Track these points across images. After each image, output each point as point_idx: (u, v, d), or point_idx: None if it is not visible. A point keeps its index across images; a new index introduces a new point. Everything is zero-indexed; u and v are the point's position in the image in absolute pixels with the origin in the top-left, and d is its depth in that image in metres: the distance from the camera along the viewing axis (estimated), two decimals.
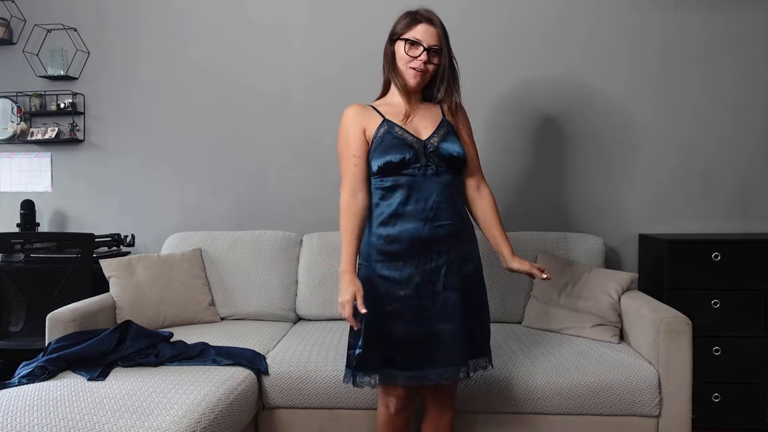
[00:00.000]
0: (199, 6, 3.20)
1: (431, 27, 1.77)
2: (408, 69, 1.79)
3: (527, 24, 3.03)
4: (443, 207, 1.77)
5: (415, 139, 1.78)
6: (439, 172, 1.77)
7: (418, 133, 1.81)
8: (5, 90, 3.29)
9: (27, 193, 3.30)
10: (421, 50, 1.76)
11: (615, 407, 2.10)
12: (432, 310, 1.77)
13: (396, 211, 1.77)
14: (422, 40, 1.76)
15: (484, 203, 1.93)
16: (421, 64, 1.77)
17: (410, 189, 1.76)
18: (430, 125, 1.83)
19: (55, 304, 2.43)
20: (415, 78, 1.79)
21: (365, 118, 1.83)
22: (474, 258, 1.88)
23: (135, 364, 2.12)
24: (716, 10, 2.95)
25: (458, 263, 1.81)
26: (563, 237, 2.80)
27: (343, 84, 3.09)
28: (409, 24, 1.78)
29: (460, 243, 1.82)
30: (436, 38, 1.77)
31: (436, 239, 1.77)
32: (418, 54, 1.76)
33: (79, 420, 1.64)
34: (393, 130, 1.79)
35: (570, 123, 3.02)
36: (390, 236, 1.77)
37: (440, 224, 1.77)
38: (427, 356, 1.77)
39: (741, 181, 2.98)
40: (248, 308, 2.80)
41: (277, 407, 2.21)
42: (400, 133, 1.79)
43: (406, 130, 1.79)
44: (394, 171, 1.76)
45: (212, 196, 3.23)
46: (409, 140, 1.78)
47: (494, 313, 2.68)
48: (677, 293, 2.62)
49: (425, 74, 1.79)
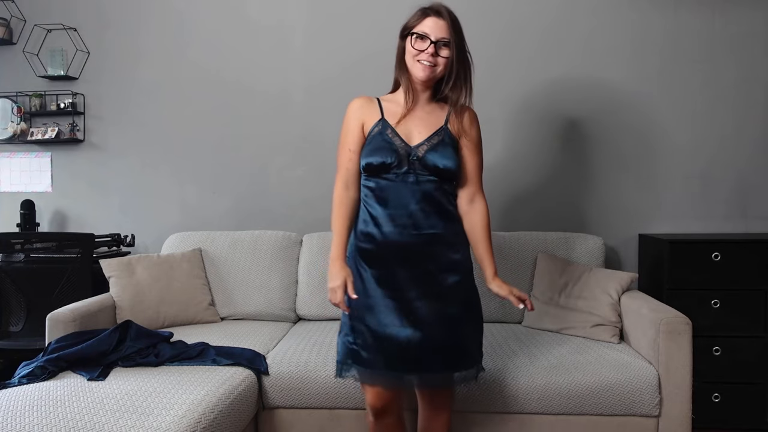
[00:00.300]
0: (199, 6, 3.20)
1: (440, 19, 1.73)
2: (416, 63, 1.75)
3: (527, 24, 3.03)
4: (424, 215, 1.75)
5: (403, 144, 1.77)
6: (419, 180, 1.75)
7: (409, 138, 1.78)
8: (5, 90, 3.29)
9: (27, 193, 3.30)
10: (428, 43, 1.72)
11: (615, 407, 2.10)
12: (407, 315, 1.75)
13: (374, 213, 1.78)
14: (430, 33, 1.72)
15: (475, 218, 1.84)
16: (428, 57, 1.73)
17: (389, 193, 1.76)
18: (425, 130, 1.79)
19: (55, 304, 2.43)
20: (424, 72, 1.74)
21: (366, 112, 1.83)
22: (461, 268, 1.81)
23: (135, 364, 2.12)
24: (716, 10, 2.95)
25: (439, 272, 1.77)
26: (563, 237, 2.80)
27: (343, 84, 3.08)
28: (418, 18, 1.76)
29: (444, 252, 1.78)
30: (445, 30, 1.72)
31: (414, 246, 1.75)
32: (425, 47, 1.73)
33: (79, 420, 1.64)
34: (385, 132, 1.78)
35: (570, 123, 3.02)
36: (367, 235, 1.79)
37: (419, 232, 1.75)
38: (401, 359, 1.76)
39: (741, 181, 2.98)
40: (248, 308, 2.80)
41: (277, 407, 2.21)
42: (391, 135, 1.78)
43: (397, 134, 1.78)
44: (376, 173, 1.77)
45: (212, 196, 3.23)
46: (396, 145, 1.76)
47: (494, 313, 2.70)
48: (677, 293, 2.62)
49: (435, 68, 1.75)
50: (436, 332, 1.76)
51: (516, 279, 2.71)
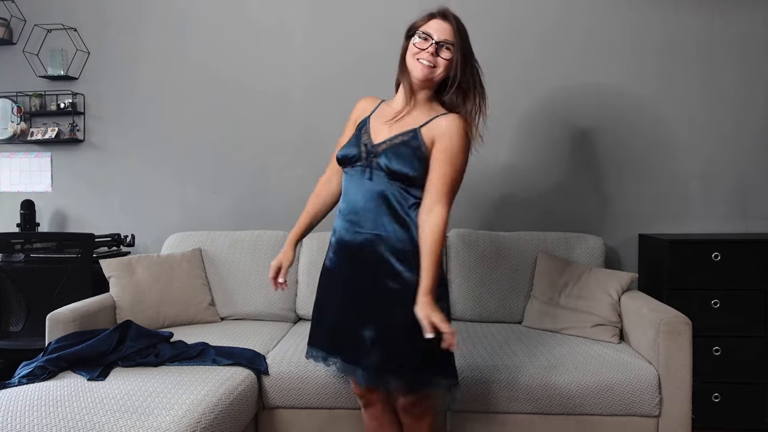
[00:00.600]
0: (199, 6, 3.20)
1: (445, 22, 1.74)
2: (415, 61, 1.74)
3: (525, 26, 3.03)
4: (369, 215, 1.73)
5: (369, 141, 1.78)
6: (374, 178, 1.74)
7: (377, 136, 1.77)
8: (5, 90, 3.29)
9: (27, 193, 3.30)
10: (430, 43, 1.72)
11: (615, 407, 2.10)
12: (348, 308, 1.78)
13: (340, 205, 1.85)
14: (433, 33, 1.72)
15: (424, 230, 1.67)
16: (428, 56, 1.72)
17: (348, 187, 1.80)
18: (396, 130, 1.75)
19: (55, 304, 2.43)
20: (422, 70, 1.72)
21: (363, 111, 1.89)
22: (401, 281, 1.69)
23: (135, 364, 2.12)
24: (716, 10, 2.95)
25: (376, 276, 1.72)
26: (563, 237, 2.80)
27: (343, 84, 3.09)
28: (425, 19, 1.77)
29: (383, 257, 1.71)
30: (449, 33, 1.73)
31: (355, 245, 1.76)
32: (426, 46, 1.72)
33: (79, 420, 1.64)
34: (362, 127, 1.82)
35: (569, 123, 3.02)
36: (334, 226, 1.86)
37: (361, 231, 1.74)
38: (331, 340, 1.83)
39: (741, 181, 2.98)
40: (248, 308, 2.80)
41: (277, 407, 2.21)
42: (363, 130, 1.81)
43: (368, 130, 1.80)
44: (343, 166, 1.82)
45: (212, 196, 3.23)
46: (363, 140, 1.78)
47: (494, 313, 2.71)
48: (677, 293, 2.62)
49: (434, 69, 1.73)
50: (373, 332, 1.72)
51: (516, 279, 2.72)
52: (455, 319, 2.76)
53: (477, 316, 2.72)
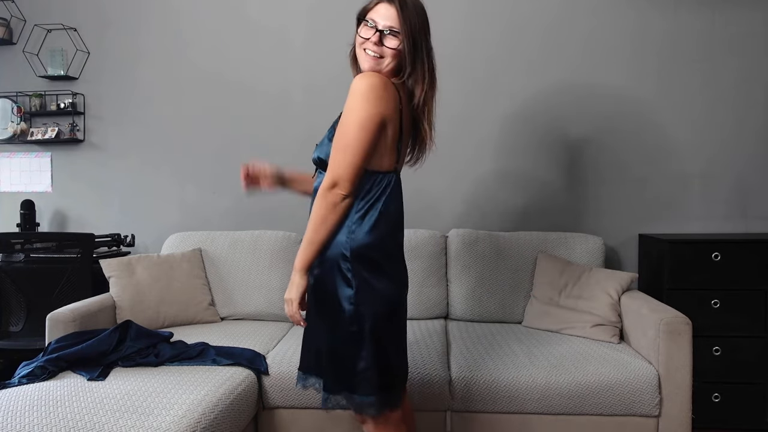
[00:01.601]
0: (199, 6, 3.20)
1: (390, 7, 1.58)
2: (362, 52, 1.64)
3: (526, 25, 3.03)
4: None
5: None
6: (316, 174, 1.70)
7: None
8: (5, 90, 3.29)
9: (27, 193, 3.30)
10: (372, 32, 1.59)
11: (615, 407, 2.10)
12: None
13: None
14: (377, 20, 1.59)
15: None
16: (372, 47, 1.60)
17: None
18: None
19: (55, 304, 2.43)
20: (368, 62, 1.62)
21: None
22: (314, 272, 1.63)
23: (135, 364, 2.12)
24: (716, 10, 2.95)
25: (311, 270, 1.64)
26: (563, 237, 2.80)
27: (343, 84, 3.04)
28: (373, 4, 1.64)
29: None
30: (394, 19, 1.57)
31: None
32: (369, 36, 1.61)
33: (79, 420, 1.64)
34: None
35: (569, 124, 3.02)
36: None
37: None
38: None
39: (741, 181, 2.98)
40: (248, 308, 2.80)
41: (277, 407, 2.21)
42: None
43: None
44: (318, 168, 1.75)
45: (212, 196, 3.23)
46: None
47: (494, 313, 2.71)
48: (677, 293, 2.62)
49: (381, 59, 1.61)
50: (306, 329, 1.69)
51: (516, 279, 2.72)
52: (455, 319, 2.77)
53: (477, 316, 2.72)
